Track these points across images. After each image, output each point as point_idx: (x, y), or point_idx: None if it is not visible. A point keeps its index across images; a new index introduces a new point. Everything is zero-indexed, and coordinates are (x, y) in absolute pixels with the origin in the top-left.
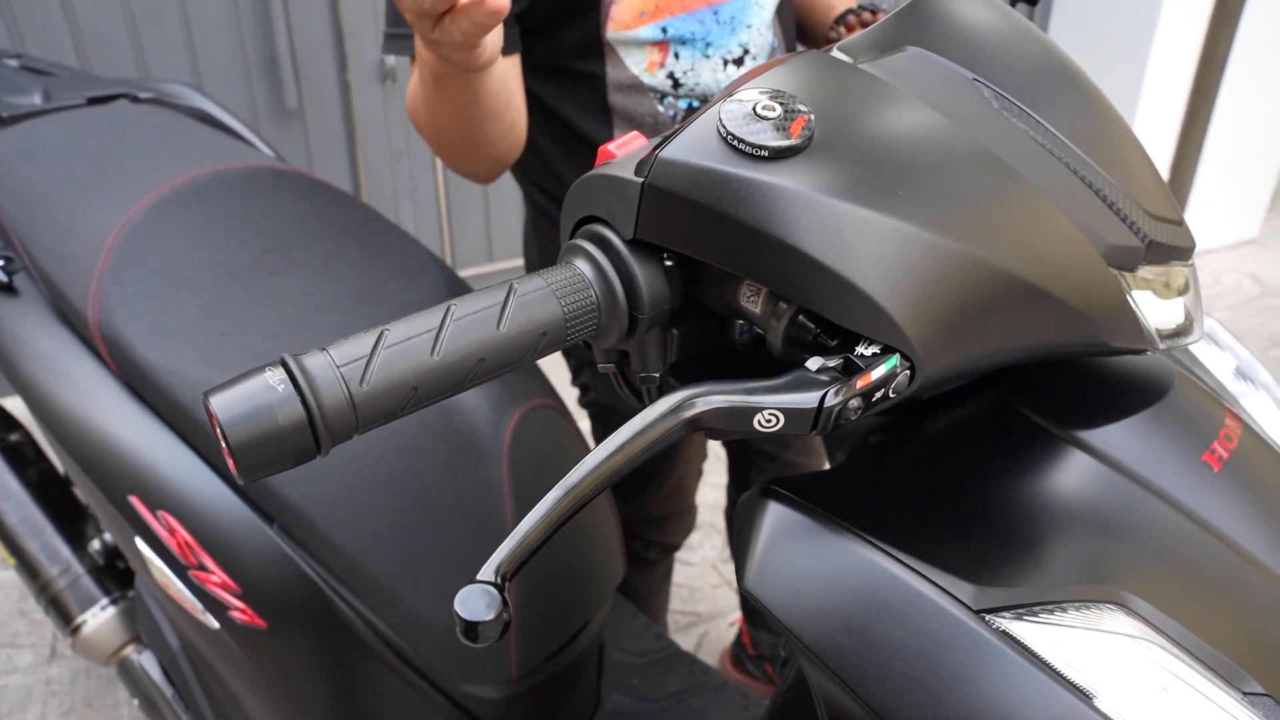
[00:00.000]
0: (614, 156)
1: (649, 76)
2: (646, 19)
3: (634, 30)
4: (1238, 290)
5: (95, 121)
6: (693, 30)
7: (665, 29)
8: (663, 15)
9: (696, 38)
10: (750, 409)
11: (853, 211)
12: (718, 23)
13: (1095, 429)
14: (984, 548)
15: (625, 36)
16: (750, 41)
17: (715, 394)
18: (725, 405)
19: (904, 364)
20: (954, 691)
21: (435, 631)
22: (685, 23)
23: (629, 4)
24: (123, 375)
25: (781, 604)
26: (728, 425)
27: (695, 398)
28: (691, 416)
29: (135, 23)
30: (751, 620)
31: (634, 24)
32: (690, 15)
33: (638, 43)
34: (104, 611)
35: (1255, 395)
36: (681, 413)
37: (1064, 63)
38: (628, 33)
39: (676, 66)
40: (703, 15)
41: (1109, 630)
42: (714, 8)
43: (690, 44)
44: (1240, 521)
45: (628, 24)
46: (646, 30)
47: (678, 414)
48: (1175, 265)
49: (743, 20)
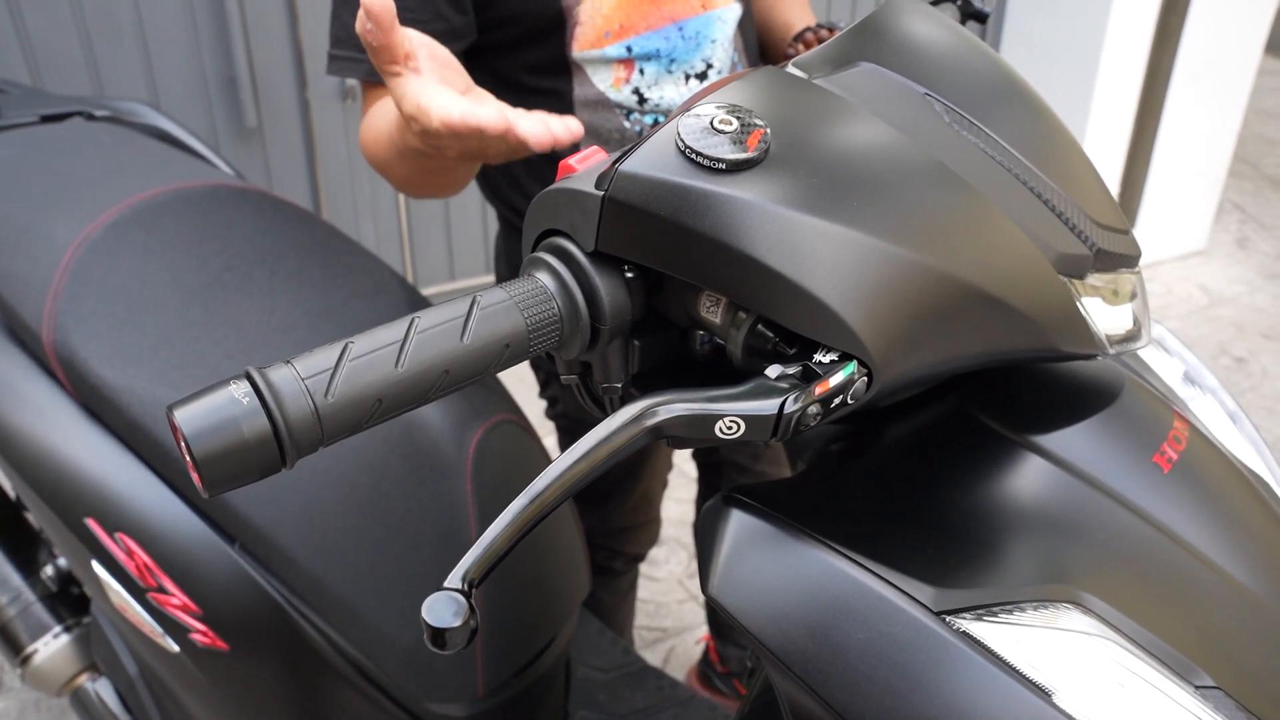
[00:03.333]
0: (574, 170)
1: (614, 92)
2: (611, 39)
3: (599, 50)
4: (1188, 300)
5: (49, 139)
6: (658, 47)
7: (630, 48)
8: (628, 35)
9: (661, 54)
10: (711, 416)
11: (809, 222)
12: (682, 39)
13: (1049, 433)
14: (943, 551)
15: (590, 55)
16: (713, 56)
17: (677, 402)
18: (687, 413)
19: (861, 370)
20: (917, 692)
21: (400, 649)
22: (650, 40)
23: (593, 25)
24: (78, 395)
25: (745, 610)
26: (690, 433)
27: (657, 406)
28: (654, 424)
29: (90, 40)
30: (719, 636)
31: (599, 44)
32: (655, 33)
33: (603, 60)
34: (56, 640)
35: (1203, 399)
36: (644, 421)
37: (1012, 78)
38: (593, 52)
39: (641, 82)
40: (668, 32)
41: (1066, 628)
42: (679, 24)
43: (655, 60)
44: (1190, 521)
45: (593, 44)
46: (612, 49)
47: (640, 422)
48: (1123, 272)
49: (707, 35)
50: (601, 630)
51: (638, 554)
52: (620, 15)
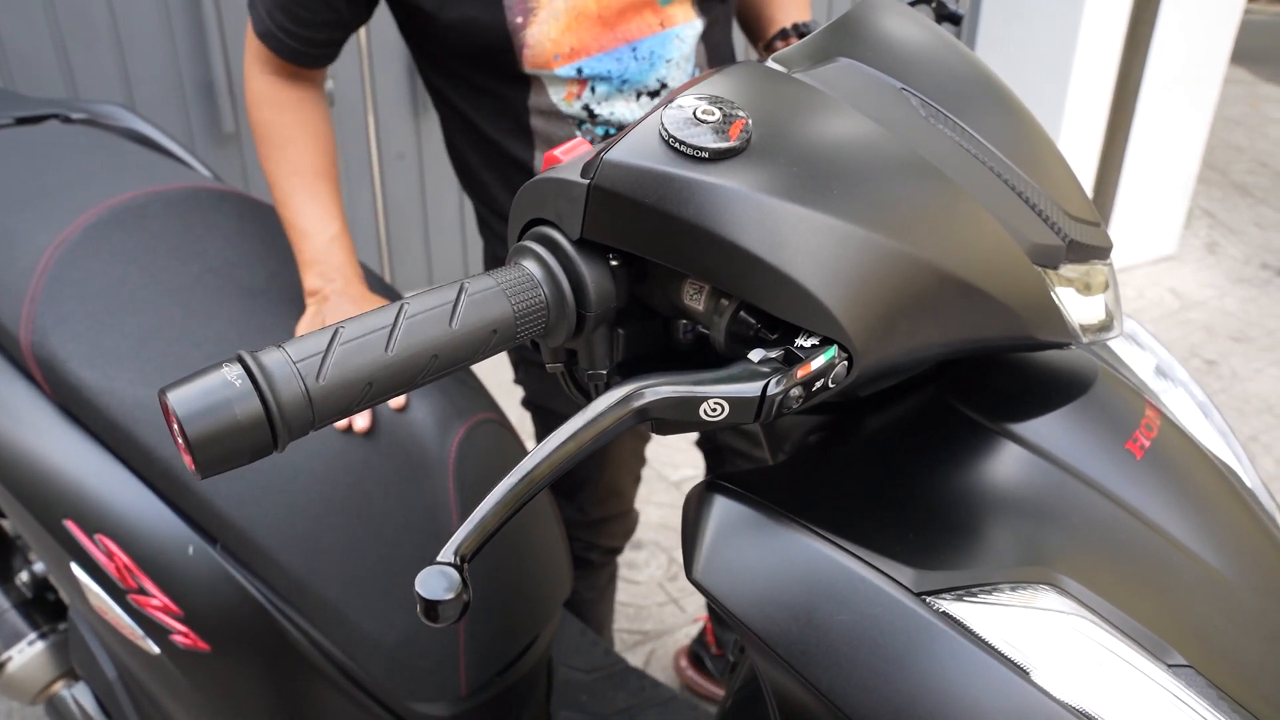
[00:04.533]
0: (560, 161)
1: (566, 106)
2: (562, 60)
3: (549, 70)
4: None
5: (25, 142)
6: (609, 69)
7: (580, 69)
8: (579, 57)
9: (613, 75)
10: (696, 398)
11: (790, 209)
12: (635, 59)
13: (1025, 421)
14: (923, 534)
15: (541, 74)
16: (669, 76)
17: (663, 384)
18: (672, 395)
19: (842, 355)
20: (899, 671)
21: (383, 649)
22: (601, 62)
23: (541, 49)
24: (57, 397)
25: (729, 593)
26: (675, 415)
27: (644, 388)
28: (640, 406)
29: (64, 43)
30: (718, 621)
31: (549, 65)
32: (607, 55)
33: (555, 80)
34: (31, 647)
35: (1175, 392)
36: (631, 402)
37: (986, 75)
38: (542, 71)
39: (592, 99)
40: (620, 53)
41: (1043, 608)
42: (632, 45)
43: (605, 81)
44: (1161, 505)
45: (543, 64)
46: (562, 70)
47: (628, 404)
48: (1095, 264)
49: (662, 55)
50: (583, 631)
51: (613, 546)
52: (571, 38)
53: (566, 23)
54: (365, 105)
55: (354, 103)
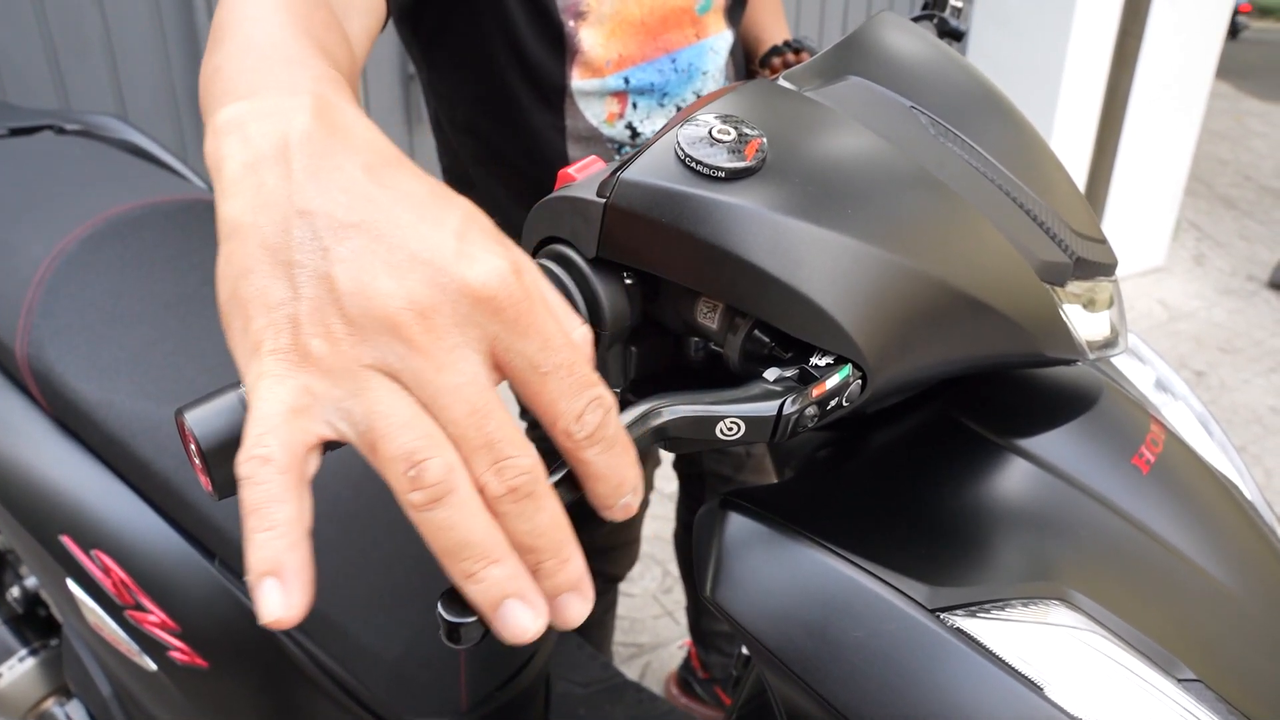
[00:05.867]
0: (574, 179)
1: (608, 127)
2: (612, 68)
3: (599, 80)
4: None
5: (19, 153)
6: (652, 81)
7: (628, 79)
8: (627, 65)
9: (655, 88)
10: (713, 418)
11: (805, 229)
12: (675, 71)
13: (1032, 436)
14: (934, 550)
15: (589, 86)
16: (704, 89)
17: (680, 404)
18: (690, 414)
19: (856, 373)
20: (914, 688)
21: (383, 664)
22: (645, 73)
23: (594, 54)
24: (53, 410)
25: (744, 612)
26: (692, 434)
27: (661, 408)
28: (659, 425)
29: (56, 54)
30: (702, 643)
31: (600, 73)
32: (650, 65)
33: (600, 93)
34: (22, 663)
35: (1175, 405)
36: (649, 421)
37: (991, 91)
38: (592, 82)
39: (634, 116)
40: (661, 64)
41: (1055, 624)
42: (671, 55)
43: (648, 94)
44: (1168, 520)
45: (594, 73)
46: (612, 79)
47: (645, 422)
48: (1100, 280)
49: (699, 67)
50: (580, 645)
51: (616, 575)
52: (618, 44)
53: (611, 28)
54: None
55: None
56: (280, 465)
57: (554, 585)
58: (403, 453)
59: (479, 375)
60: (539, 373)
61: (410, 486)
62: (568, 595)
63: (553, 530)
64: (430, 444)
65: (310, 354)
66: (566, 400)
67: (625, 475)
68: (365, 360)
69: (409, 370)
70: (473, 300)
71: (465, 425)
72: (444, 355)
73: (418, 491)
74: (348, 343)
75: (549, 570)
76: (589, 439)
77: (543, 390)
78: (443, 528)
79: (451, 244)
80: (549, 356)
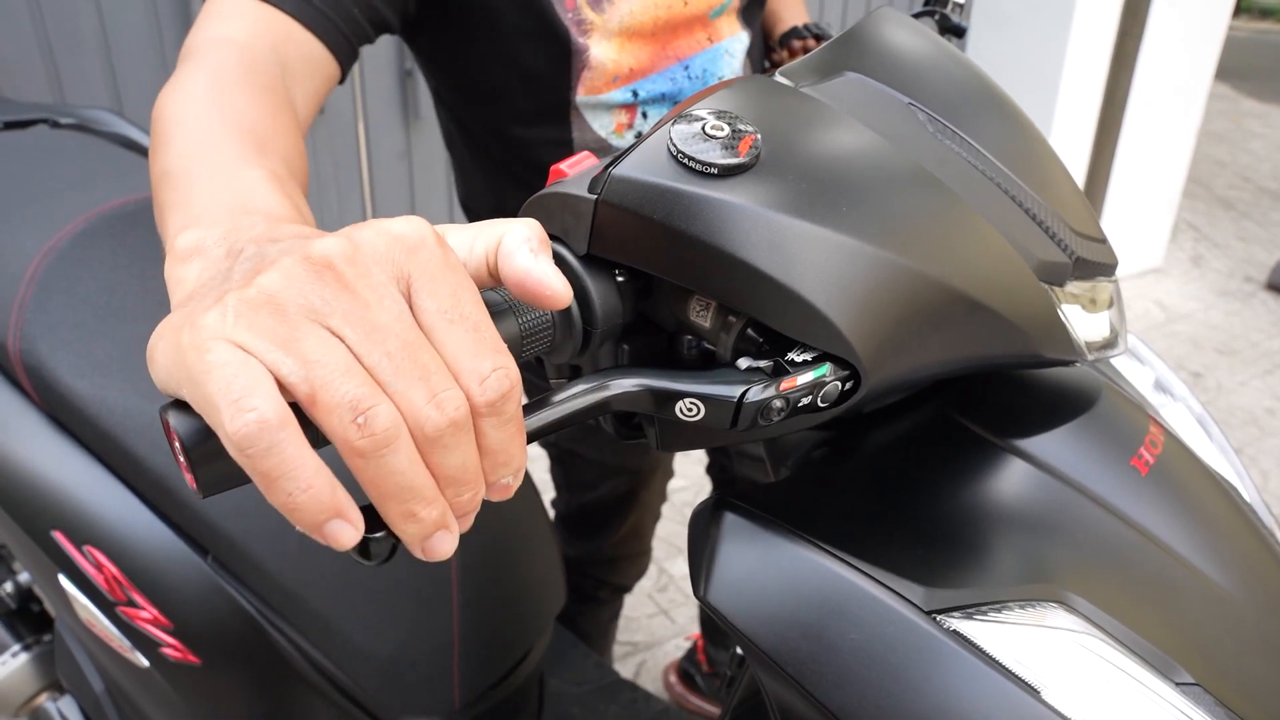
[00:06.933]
0: (565, 175)
1: (616, 138)
2: (619, 83)
3: (605, 94)
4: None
5: (13, 147)
6: (664, 90)
7: (636, 92)
8: (635, 78)
9: (667, 96)
10: (671, 393)
11: (799, 226)
12: (689, 79)
13: (1030, 437)
14: (931, 551)
15: (595, 100)
16: None
17: (637, 376)
18: (645, 387)
19: (840, 372)
20: (910, 690)
21: (375, 662)
22: (656, 83)
23: (603, 70)
24: (46, 406)
25: (739, 613)
26: (647, 409)
27: (613, 380)
28: (603, 399)
29: (51, 48)
30: (711, 640)
31: (606, 88)
32: (661, 75)
33: (607, 106)
34: (15, 659)
35: (1174, 406)
36: (594, 394)
37: (991, 88)
38: (598, 97)
39: (644, 126)
40: (673, 72)
41: (1052, 626)
42: (684, 62)
43: (659, 104)
44: (1167, 522)
45: (600, 89)
46: (618, 94)
47: (591, 394)
48: (1100, 281)
49: (714, 73)
50: (575, 644)
51: (624, 585)
52: (629, 58)
53: (620, 42)
54: (355, 113)
55: (344, 111)
56: (279, 418)
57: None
58: (347, 400)
59: (405, 311)
60: (446, 318)
61: (358, 434)
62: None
63: (476, 464)
64: (373, 391)
65: (228, 313)
66: (470, 358)
67: (513, 455)
68: (292, 308)
69: (339, 311)
70: (390, 239)
71: (400, 358)
72: (370, 293)
73: (366, 439)
74: (272, 294)
75: (464, 504)
76: (490, 406)
77: (447, 340)
78: (389, 473)
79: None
80: (458, 305)
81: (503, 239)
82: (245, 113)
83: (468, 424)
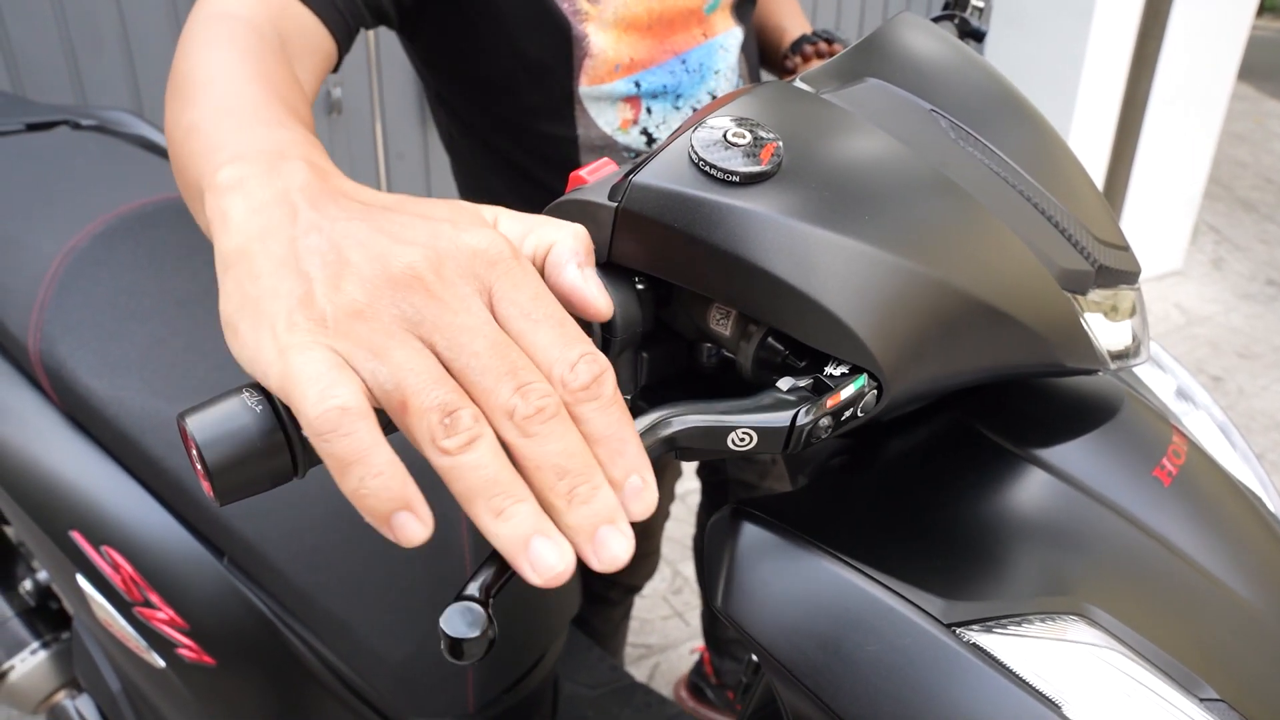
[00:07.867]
0: (585, 182)
1: (623, 135)
2: (621, 73)
3: (608, 85)
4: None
5: (35, 148)
6: (664, 83)
7: (639, 83)
8: (637, 69)
9: (668, 90)
10: (724, 428)
11: (821, 235)
12: (687, 72)
13: (1051, 447)
14: (950, 563)
15: (599, 91)
16: (718, 88)
17: (690, 413)
18: (701, 424)
19: (871, 383)
20: (929, 704)
21: (390, 665)
22: (657, 75)
23: (603, 58)
24: (64, 406)
25: (755, 623)
26: (703, 444)
27: (671, 417)
28: (669, 435)
29: (73, 49)
30: (716, 650)
31: (609, 78)
32: (659, 68)
33: (610, 98)
34: (34, 656)
35: (1196, 415)
36: (659, 431)
37: (1013, 94)
38: (601, 87)
39: (649, 122)
40: (671, 66)
41: (1073, 640)
42: (681, 56)
43: (661, 98)
44: (1190, 534)
45: (603, 78)
46: (621, 84)
47: (655, 432)
48: (1123, 289)
49: (710, 67)
50: (589, 647)
51: (635, 585)
52: (627, 49)
53: (617, 34)
54: (373, 112)
55: (361, 109)
56: (360, 410)
57: (592, 513)
58: (436, 404)
59: (489, 318)
60: (530, 320)
61: (445, 433)
62: (605, 530)
63: (584, 452)
64: (460, 396)
65: (327, 321)
66: (559, 348)
67: (625, 440)
68: (385, 318)
69: (429, 319)
70: (471, 253)
71: (488, 357)
72: (458, 301)
73: (452, 437)
74: (365, 304)
75: (584, 495)
76: (585, 390)
77: (536, 337)
78: (474, 467)
79: (447, 224)
80: (540, 306)
81: (553, 248)
82: (271, 74)
83: (560, 411)
